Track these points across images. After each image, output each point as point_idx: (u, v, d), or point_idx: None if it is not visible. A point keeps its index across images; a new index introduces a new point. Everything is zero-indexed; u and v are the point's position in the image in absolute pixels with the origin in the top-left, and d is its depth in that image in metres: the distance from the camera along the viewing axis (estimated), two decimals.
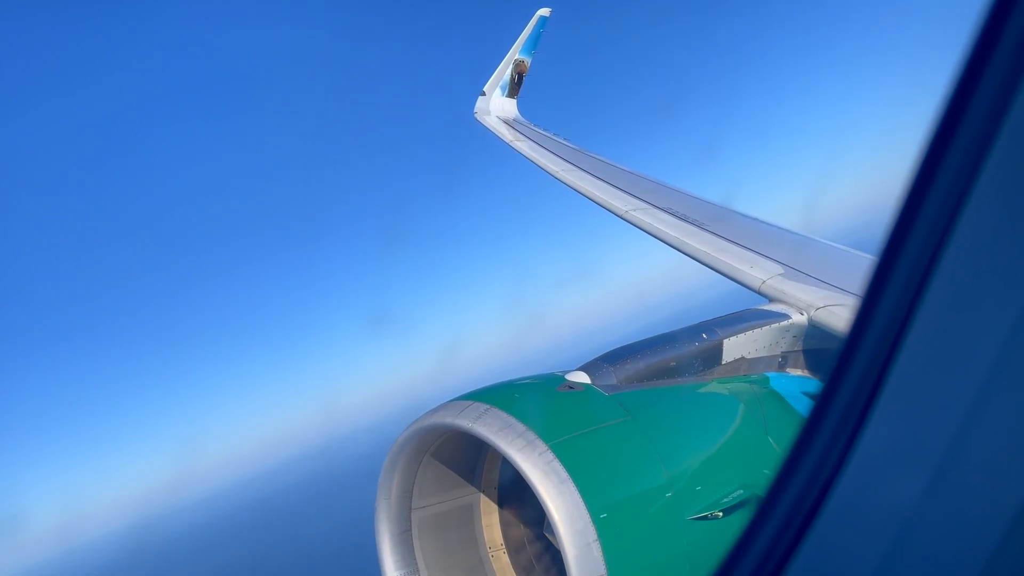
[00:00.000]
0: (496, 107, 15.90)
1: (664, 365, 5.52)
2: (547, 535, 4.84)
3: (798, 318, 6.23)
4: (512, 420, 4.41)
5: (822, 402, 1.72)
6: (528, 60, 16.62)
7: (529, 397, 4.76)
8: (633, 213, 9.38)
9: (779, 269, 7.07)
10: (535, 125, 15.38)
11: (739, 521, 4.57)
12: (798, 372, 6.33)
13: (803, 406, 5.58)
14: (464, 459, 5.26)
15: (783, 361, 6.28)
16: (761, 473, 4.83)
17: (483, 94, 16.09)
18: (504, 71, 16.29)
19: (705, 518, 4.49)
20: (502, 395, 4.71)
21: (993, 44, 1.41)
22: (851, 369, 1.65)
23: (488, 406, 4.52)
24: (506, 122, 15.29)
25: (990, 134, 1.42)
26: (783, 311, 6.32)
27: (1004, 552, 1.45)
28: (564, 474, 4.24)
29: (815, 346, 6.29)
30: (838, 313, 6.04)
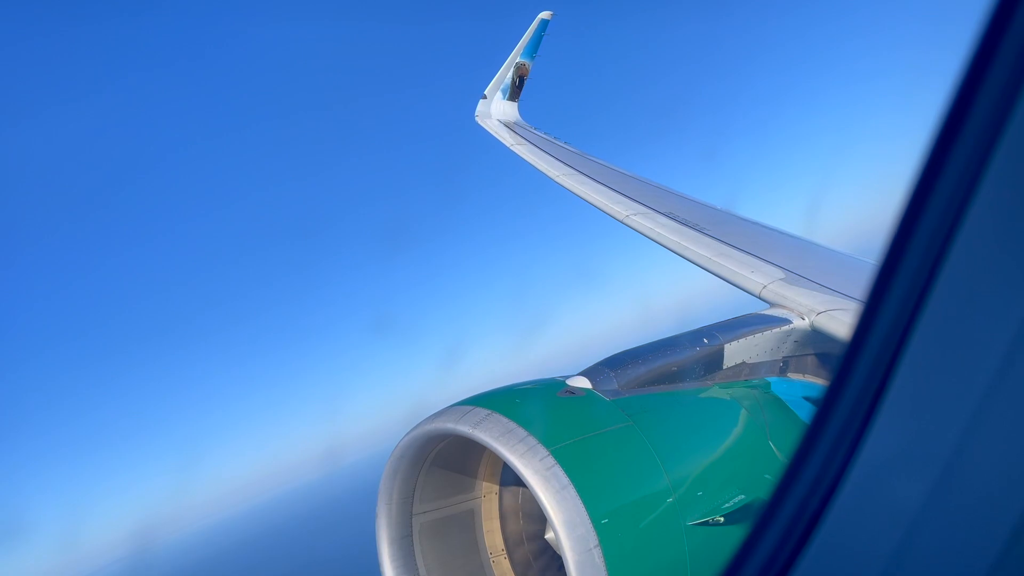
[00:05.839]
0: (497, 110, 15.91)
1: (665, 370, 5.51)
2: (548, 540, 4.83)
3: (799, 323, 6.22)
4: (513, 425, 4.40)
5: (824, 407, 1.71)
6: (529, 63, 16.64)
7: (530, 402, 4.75)
8: (633, 218, 9.38)
9: (780, 274, 7.06)
10: (536, 128, 15.39)
11: (741, 527, 4.56)
12: (800, 377, 6.32)
13: (805, 411, 5.58)
14: (465, 464, 5.25)
15: (784, 366, 6.27)
16: (763, 479, 4.82)
17: (484, 97, 16.10)
18: (505, 74, 16.30)
19: (706, 524, 4.48)
20: (503, 400, 4.70)
21: (995, 48, 1.41)
22: (853, 374, 1.64)
23: (489, 411, 4.51)
24: (507, 125, 15.30)
25: (993, 138, 1.41)
26: (784, 316, 6.31)
27: (1007, 561, 1.44)
28: (565, 479, 4.23)
29: (817, 351, 6.28)
30: (840, 318, 6.03)
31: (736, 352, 5.94)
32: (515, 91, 16.29)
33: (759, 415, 5.37)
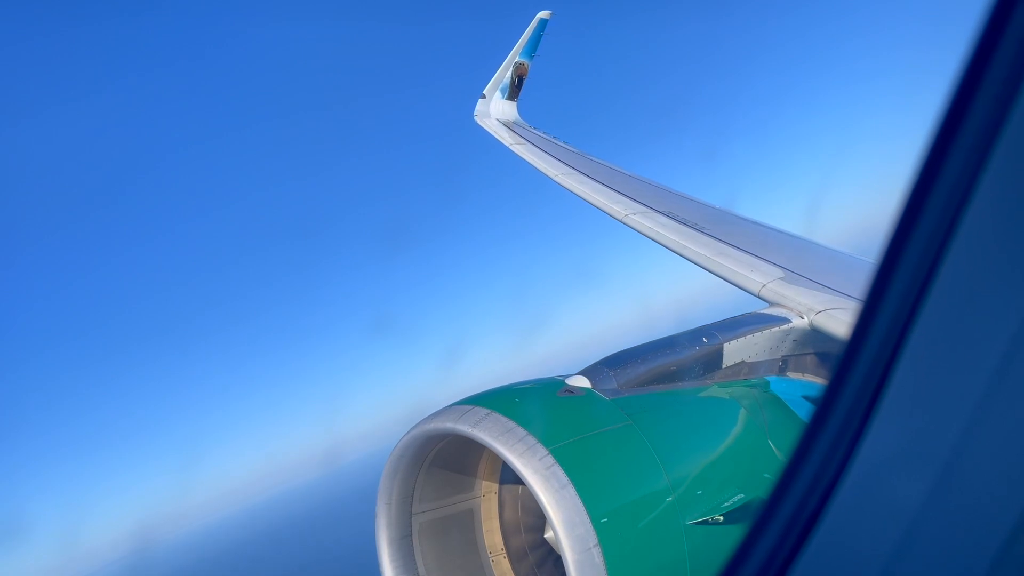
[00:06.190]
0: (496, 110, 15.90)
1: (665, 369, 5.51)
2: (548, 540, 4.83)
3: (799, 322, 6.22)
4: (512, 425, 4.40)
5: (823, 406, 1.71)
6: (528, 63, 16.63)
7: (529, 401, 4.75)
8: (633, 217, 9.38)
9: (779, 273, 7.06)
10: (535, 128, 15.39)
11: (740, 526, 4.56)
12: (799, 376, 6.32)
13: (804, 410, 5.57)
14: (465, 464, 5.25)
15: (784, 365, 6.27)
16: (762, 478, 4.82)
17: (483, 97, 16.09)
18: (504, 74, 16.30)
19: (706, 523, 4.48)
20: (502, 399, 4.70)
21: (994, 46, 1.41)
22: (853, 373, 1.64)
23: (488, 410, 4.51)
24: (506, 125, 15.30)
25: (991, 137, 1.41)
26: (783, 315, 6.31)
27: (1007, 558, 1.44)
28: (564, 479, 4.23)
29: (816, 350, 6.28)
30: (839, 317, 6.03)
31: (735, 351, 5.94)
32: (514, 91, 16.28)
33: (758, 414, 5.37)
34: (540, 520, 5.02)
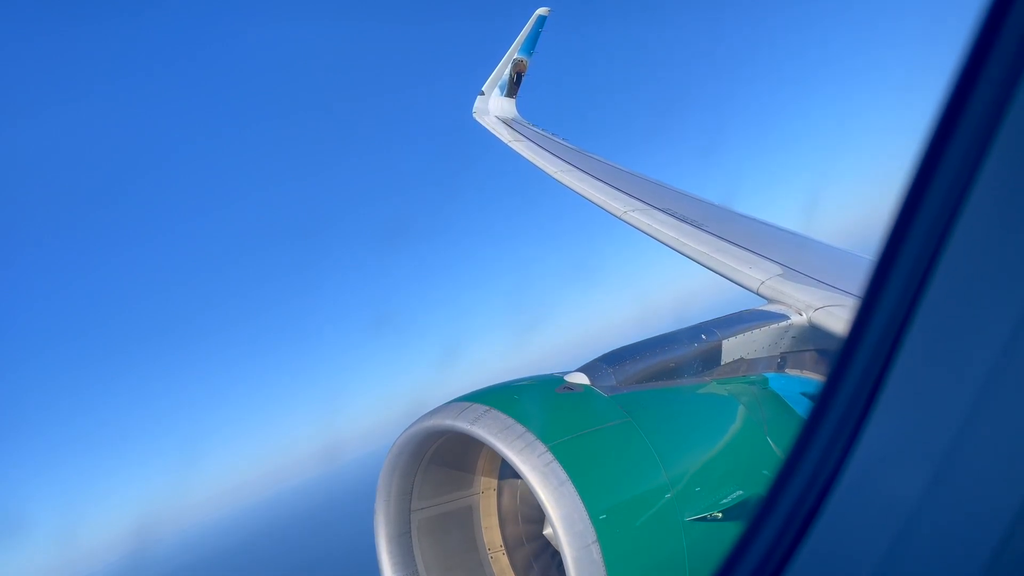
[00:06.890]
0: (495, 107, 15.89)
1: (663, 366, 5.51)
2: (547, 536, 4.84)
3: (797, 319, 6.22)
4: (511, 421, 4.40)
5: (822, 403, 1.71)
6: (527, 60, 16.61)
7: (528, 398, 4.75)
8: (631, 214, 9.37)
9: (778, 270, 7.07)
10: (534, 125, 15.37)
11: (738, 522, 4.57)
12: (797, 373, 6.32)
13: (802, 407, 5.58)
14: (463, 460, 5.25)
15: (782, 362, 6.27)
16: (760, 474, 4.82)
17: (482, 94, 16.08)
18: (503, 71, 16.28)
19: (704, 519, 4.49)
20: (501, 396, 4.70)
21: (992, 43, 1.41)
22: (851, 370, 1.64)
23: (487, 407, 4.51)
24: (505, 122, 15.28)
25: (989, 134, 1.41)
26: (782, 312, 6.31)
27: (1004, 553, 1.44)
28: (563, 475, 4.23)
29: (814, 347, 6.28)
30: (837, 314, 6.04)
31: (734, 348, 5.94)
32: (513, 87, 16.27)
33: (757, 411, 5.37)
34: (539, 517, 5.02)
